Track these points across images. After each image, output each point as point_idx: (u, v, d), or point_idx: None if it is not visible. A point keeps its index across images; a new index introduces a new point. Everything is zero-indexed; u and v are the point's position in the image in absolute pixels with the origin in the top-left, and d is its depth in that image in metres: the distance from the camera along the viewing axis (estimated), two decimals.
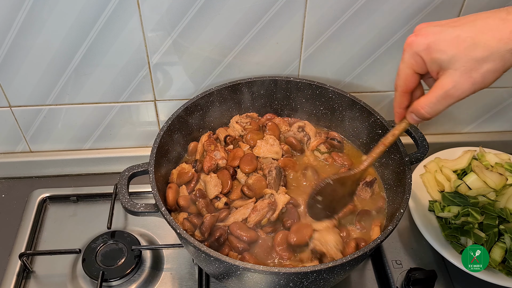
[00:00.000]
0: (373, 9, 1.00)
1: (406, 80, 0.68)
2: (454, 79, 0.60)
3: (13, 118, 1.14)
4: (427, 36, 0.62)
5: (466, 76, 0.59)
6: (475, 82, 0.60)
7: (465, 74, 0.59)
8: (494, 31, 0.57)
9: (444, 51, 0.60)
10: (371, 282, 1.02)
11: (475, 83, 0.60)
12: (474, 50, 0.58)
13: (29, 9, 0.94)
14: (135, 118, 1.19)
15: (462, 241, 1.00)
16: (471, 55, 0.58)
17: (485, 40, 0.58)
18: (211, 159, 1.02)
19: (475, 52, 0.58)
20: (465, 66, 0.59)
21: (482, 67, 0.58)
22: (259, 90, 1.10)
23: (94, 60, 1.04)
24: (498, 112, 1.26)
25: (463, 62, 0.59)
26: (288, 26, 1.02)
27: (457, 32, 0.60)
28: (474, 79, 0.59)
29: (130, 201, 0.88)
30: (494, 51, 0.57)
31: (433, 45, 0.61)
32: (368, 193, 0.98)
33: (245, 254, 0.85)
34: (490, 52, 0.57)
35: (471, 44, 0.58)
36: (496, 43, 0.57)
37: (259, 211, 0.90)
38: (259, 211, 0.90)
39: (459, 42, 0.59)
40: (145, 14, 0.97)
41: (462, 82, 0.60)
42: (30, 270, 1.04)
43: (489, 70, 0.58)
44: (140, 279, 1.01)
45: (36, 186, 1.21)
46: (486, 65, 0.58)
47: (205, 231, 0.87)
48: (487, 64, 0.58)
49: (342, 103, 1.07)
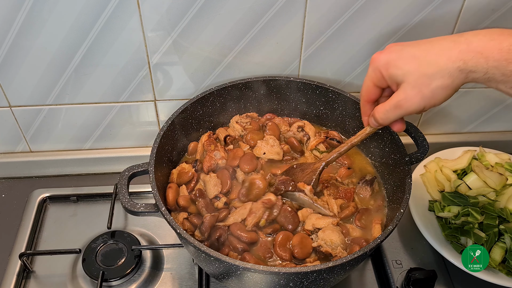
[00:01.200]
0: (372, 9, 1.00)
1: (368, 91, 0.75)
2: (405, 91, 0.66)
3: (13, 118, 1.14)
4: (389, 53, 0.68)
5: (416, 90, 0.65)
6: (424, 97, 0.65)
7: (416, 88, 0.65)
8: (445, 50, 0.63)
9: (400, 67, 0.66)
10: (371, 282, 1.02)
11: (424, 98, 0.65)
12: (425, 67, 0.64)
13: (29, 9, 0.94)
14: (135, 118, 1.19)
15: (462, 241, 1.00)
16: (422, 71, 0.64)
17: (436, 58, 0.63)
18: (211, 159, 1.02)
19: (426, 69, 0.63)
20: (416, 81, 0.64)
21: (432, 83, 0.64)
22: (259, 90, 1.10)
23: (94, 60, 1.04)
24: (498, 112, 1.26)
25: (415, 77, 0.64)
26: (288, 26, 1.02)
27: (413, 51, 0.66)
28: (423, 94, 0.65)
29: (130, 201, 0.88)
30: (443, 68, 0.62)
31: (391, 62, 0.67)
32: (368, 191, 0.98)
33: (245, 254, 0.85)
34: (439, 69, 0.62)
35: (423, 62, 0.64)
36: (445, 61, 0.62)
37: (255, 213, 0.90)
38: (255, 213, 0.90)
39: (413, 59, 0.65)
40: (145, 14, 0.97)
41: (412, 95, 0.66)
42: (30, 270, 1.04)
43: (438, 86, 0.63)
44: (140, 279, 1.01)
45: (36, 186, 1.21)
46: (435, 81, 0.63)
47: (205, 231, 0.87)
48: (437, 81, 0.63)
49: (342, 103, 1.07)
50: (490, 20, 1.04)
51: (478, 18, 1.04)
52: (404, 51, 0.67)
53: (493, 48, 0.59)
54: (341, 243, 0.86)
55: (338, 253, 0.84)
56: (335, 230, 0.88)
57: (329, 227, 0.88)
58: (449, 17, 1.03)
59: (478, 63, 0.60)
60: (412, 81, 0.65)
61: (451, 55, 0.62)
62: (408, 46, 0.68)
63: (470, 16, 1.03)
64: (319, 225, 0.89)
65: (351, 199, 0.97)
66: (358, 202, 0.98)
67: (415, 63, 0.65)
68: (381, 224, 0.92)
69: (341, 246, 0.85)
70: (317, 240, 0.87)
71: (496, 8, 1.02)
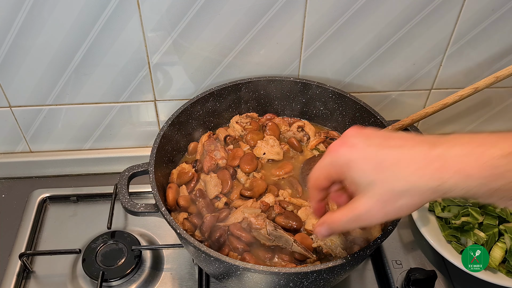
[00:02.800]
0: (373, 9, 1.00)
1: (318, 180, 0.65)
2: (368, 205, 0.58)
3: (13, 118, 1.14)
4: (352, 150, 0.58)
5: (380, 206, 0.57)
6: (387, 213, 0.57)
7: (380, 204, 0.57)
8: (417, 165, 0.54)
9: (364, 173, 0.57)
10: (371, 282, 1.02)
11: (388, 214, 0.57)
12: (393, 181, 0.55)
13: (29, 9, 0.94)
14: (135, 118, 1.19)
15: (462, 241, 1.00)
16: (390, 186, 0.55)
17: (406, 174, 0.54)
18: (211, 159, 1.02)
19: (394, 184, 0.55)
20: (381, 196, 0.56)
21: (398, 201, 0.56)
22: (259, 90, 1.10)
23: (94, 60, 1.04)
24: (498, 112, 1.26)
25: (381, 191, 0.56)
26: (288, 26, 1.02)
27: (382, 157, 0.56)
28: (387, 210, 0.57)
29: (130, 201, 0.88)
30: (413, 187, 0.54)
31: (354, 163, 0.58)
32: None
33: (246, 254, 0.85)
34: (409, 187, 0.54)
35: (391, 174, 0.55)
36: (417, 179, 0.53)
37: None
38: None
39: (381, 168, 0.56)
40: (145, 14, 0.97)
41: (376, 210, 0.57)
42: (30, 270, 1.04)
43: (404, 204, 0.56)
44: (140, 279, 1.01)
45: (36, 186, 1.21)
46: (402, 199, 0.55)
47: (205, 231, 0.87)
48: (404, 199, 0.55)
49: (342, 103, 1.07)
50: (490, 20, 1.04)
51: (478, 18, 1.04)
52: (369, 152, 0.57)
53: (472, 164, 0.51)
54: (341, 243, 0.86)
55: (338, 253, 0.85)
56: None
57: None
58: (449, 17, 1.03)
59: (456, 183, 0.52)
60: (377, 195, 0.56)
61: (424, 173, 0.53)
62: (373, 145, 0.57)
63: (470, 16, 1.03)
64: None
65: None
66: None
67: (382, 174, 0.55)
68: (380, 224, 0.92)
69: (341, 247, 0.85)
70: (317, 240, 0.87)
71: (496, 8, 1.02)
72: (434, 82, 1.17)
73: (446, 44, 1.08)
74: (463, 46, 1.09)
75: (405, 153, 0.55)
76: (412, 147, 0.56)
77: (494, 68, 1.14)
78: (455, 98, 0.87)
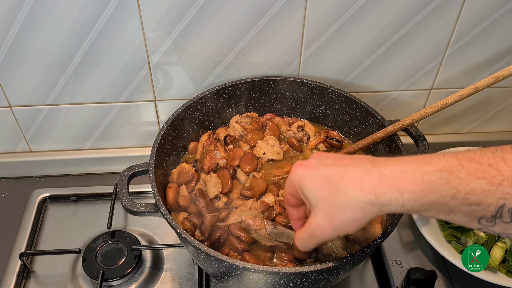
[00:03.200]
0: (373, 9, 1.00)
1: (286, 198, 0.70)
2: (317, 220, 0.62)
3: (13, 118, 1.14)
4: (305, 169, 0.63)
5: (327, 219, 0.61)
6: (335, 227, 0.61)
7: (327, 218, 0.61)
8: (356, 180, 0.58)
9: (312, 190, 0.62)
10: (371, 282, 1.02)
11: (336, 228, 0.61)
12: (336, 195, 0.59)
13: (29, 9, 0.94)
14: (135, 118, 1.19)
15: (462, 241, 1.01)
16: (333, 200, 0.59)
17: (347, 189, 0.58)
18: (211, 158, 1.02)
19: (336, 198, 0.59)
20: (327, 210, 0.60)
21: (342, 215, 0.59)
22: (259, 90, 1.10)
23: (94, 60, 1.04)
24: (498, 112, 1.26)
25: (326, 205, 0.60)
26: (288, 26, 1.02)
27: (328, 174, 0.60)
28: (334, 224, 0.60)
29: (130, 201, 0.88)
30: (353, 201, 0.58)
31: (304, 181, 0.63)
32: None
33: (245, 254, 0.85)
34: (349, 201, 0.58)
35: (335, 190, 0.59)
36: (356, 193, 0.57)
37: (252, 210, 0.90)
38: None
39: (326, 184, 0.60)
40: (145, 14, 0.97)
41: (324, 225, 0.61)
42: (30, 270, 1.04)
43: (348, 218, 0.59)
44: (140, 279, 1.01)
45: (36, 186, 1.21)
46: (345, 213, 0.59)
47: (205, 230, 0.87)
48: (347, 213, 0.59)
49: (342, 103, 1.07)
50: (490, 20, 1.04)
51: (478, 18, 1.04)
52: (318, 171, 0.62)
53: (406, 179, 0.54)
54: (340, 243, 0.86)
55: (338, 253, 0.85)
56: None
57: None
58: (449, 17, 1.03)
59: (392, 197, 0.55)
60: (324, 209, 0.61)
61: (362, 187, 0.57)
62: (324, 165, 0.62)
63: (470, 16, 1.03)
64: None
65: None
66: None
67: (326, 189, 0.60)
68: (381, 223, 0.93)
69: (340, 247, 0.85)
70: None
71: (496, 8, 1.02)
72: (434, 82, 1.17)
73: (446, 44, 1.08)
74: (463, 46, 1.09)
75: (348, 170, 0.60)
76: (356, 165, 0.60)
77: (494, 68, 1.14)
78: (455, 98, 0.87)
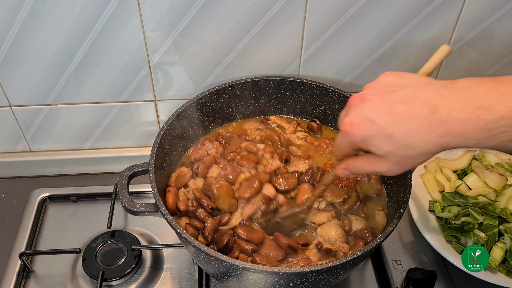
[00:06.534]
0: (373, 9, 1.00)
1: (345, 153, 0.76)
2: (388, 166, 0.69)
3: (13, 118, 1.14)
4: (363, 130, 0.67)
5: (399, 166, 0.68)
6: (405, 169, 0.69)
7: (399, 164, 0.68)
8: (423, 134, 0.63)
9: (379, 147, 0.66)
10: (371, 282, 1.02)
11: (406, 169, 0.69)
12: (406, 150, 0.65)
13: (29, 9, 0.94)
14: (135, 117, 1.19)
15: (462, 241, 1.00)
16: (404, 154, 0.65)
17: (415, 143, 0.64)
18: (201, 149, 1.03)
19: (406, 152, 0.65)
20: (399, 161, 0.67)
21: (413, 161, 0.67)
22: (259, 90, 1.10)
23: (95, 60, 1.04)
24: None
25: (397, 158, 0.67)
26: (288, 26, 1.02)
27: (390, 131, 0.64)
28: (406, 168, 0.69)
29: (130, 200, 0.88)
30: (423, 151, 0.64)
31: (368, 140, 0.67)
32: (365, 177, 1.01)
33: (256, 255, 0.85)
34: (419, 152, 0.65)
35: (403, 145, 0.64)
36: (424, 145, 0.63)
37: (253, 204, 0.91)
38: (253, 204, 0.91)
39: (392, 141, 0.65)
40: (145, 13, 0.97)
41: (396, 169, 0.69)
42: (30, 270, 1.04)
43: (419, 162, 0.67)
44: (140, 279, 1.01)
45: (36, 185, 1.21)
46: (417, 160, 0.66)
47: (208, 235, 0.87)
48: (418, 159, 0.66)
49: (342, 103, 1.07)
50: (490, 20, 1.04)
51: (478, 18, 1.04)
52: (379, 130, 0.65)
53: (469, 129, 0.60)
54: (339, 237, 0.86)
55: (338, 247, 0.85)
56: (333, 225, 0.88)
57: (327, 222, 0.89)
58: (449, 17, 1.03)
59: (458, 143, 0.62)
60: (394, 160, 0.67)
61: (430, 140, 0.63)
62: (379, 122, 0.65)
63: (470, 16, 1.03)
64: (317, 221, 0.90)
65: (354, 188, 0.98)
66: (359, 190, 0.99)
67: (394, 145, 0.65)
68: (383, 210, 0.93)
69: (339, 240, 0.86)
70: (316, 237, 0.87)
71: (496, 8, 1.02)
72: None
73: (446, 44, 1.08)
74: (463, 46, 1.09)
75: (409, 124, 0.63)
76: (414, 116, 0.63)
77: (494, 68, 1.14)
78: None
